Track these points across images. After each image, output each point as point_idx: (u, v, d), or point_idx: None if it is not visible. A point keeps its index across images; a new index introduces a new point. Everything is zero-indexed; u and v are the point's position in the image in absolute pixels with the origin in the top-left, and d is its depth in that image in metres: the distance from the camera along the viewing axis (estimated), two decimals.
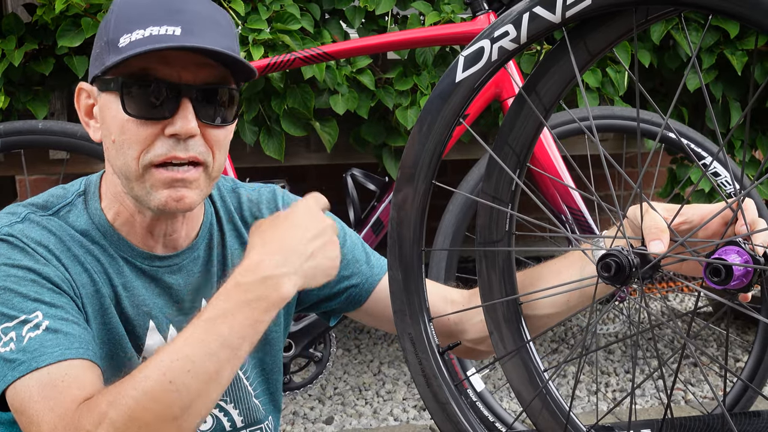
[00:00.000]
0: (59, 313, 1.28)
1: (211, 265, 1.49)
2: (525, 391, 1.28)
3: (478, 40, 1.17)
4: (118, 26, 1.32)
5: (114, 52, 1.30)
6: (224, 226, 1.52)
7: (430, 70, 2.83)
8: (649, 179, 3.50)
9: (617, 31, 1.11)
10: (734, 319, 3.90)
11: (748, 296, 1.19)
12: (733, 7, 0.98)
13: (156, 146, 1.32)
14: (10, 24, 2.70)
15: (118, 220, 1.42)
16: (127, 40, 1.29)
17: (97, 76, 1.35)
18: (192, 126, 1.31)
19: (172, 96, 1.31)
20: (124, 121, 1.32)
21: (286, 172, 3.25)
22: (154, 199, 1.34)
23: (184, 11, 1.31)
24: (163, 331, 1.44)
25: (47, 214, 1.39)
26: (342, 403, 3.18)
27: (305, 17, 2.72)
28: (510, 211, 1.25)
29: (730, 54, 2.90)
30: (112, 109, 1.34)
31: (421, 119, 1.24)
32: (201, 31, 1.30)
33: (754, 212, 1.20)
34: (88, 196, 1.43)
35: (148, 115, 1.31)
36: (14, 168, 2.89)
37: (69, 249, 1.37)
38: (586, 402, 3.18)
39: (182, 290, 1.46)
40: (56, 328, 1.26)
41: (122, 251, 1.41)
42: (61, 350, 1.25)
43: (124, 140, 1.33)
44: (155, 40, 1.28)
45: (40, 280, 1.30)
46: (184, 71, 1.32)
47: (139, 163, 1.32)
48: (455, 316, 1.53)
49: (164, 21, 1.29)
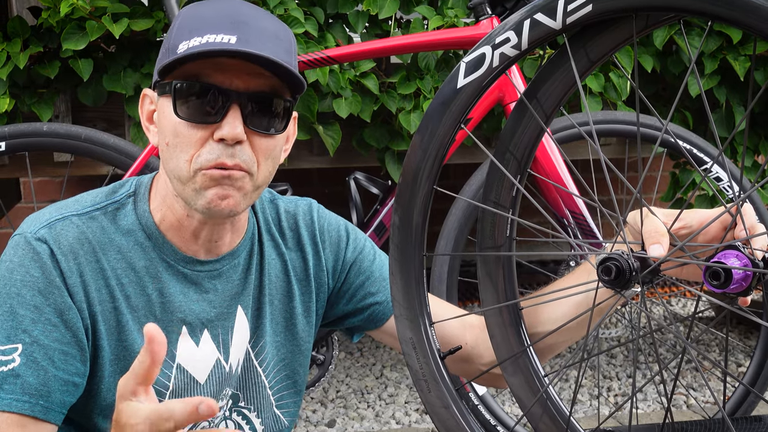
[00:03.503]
0: (36, 354, 1.32)
1: (249, 273, 1.51)
2: (525, 396, 1.29)
3: (479, 46, 1.18)
4: (180, 34, 1.35)
5: (171, 58, 1.34)
6: (263, 236, 1.54)
7: (433, 75, 2.84)
8: (651, 184, 3.51)
9: (618, 37, 1.12)
10: (737, 324, 3.90)
11: (747, 300, 1.20)
12: (731, 13, 0.98)
13: (205, 150, 1.34)
14: (16, 27, 2.71)
15: (164, 223, 1.44)
16: (184, 47, 1.33)
17: (156, 81, 1.39)
18: (238, 131, 1.33)
19: (221, 101, 1.33)
20: (176, 123, 1.35)
21: (289, 176, 3.25)
22: (201, 198, 1.36)
23: (245, 23, 1.34)
24: (195, 337, 1.46)
25: (95, 210, 1.42)
26: (344, 406, 3.18)
27: (309, 21, 2.73)
28: (511, 217, 1.26)
29: (732, 59, 2.90)
30: (167, 113, 1.37)
31: (423, 125, 1.24)
32: (257, 42, 1.33)
33: (753, 217, 1.21)
34: (137, 197, 1.45)
35: (198, 118, 1.34)
36: (19, 170, 2.90)
37: (98, 260, 1.39)
38: (588, 406, 3.18)
39: (220, 296, 1.48)
40: (18, 373, 1.31)
41: (165, 254, 1.43)
42: (9, 400, 1.30)
43: (177, 143, 1.35)
44: (209, 46, 1.31)
45: (44, 307, 1.34)
46: (237, 78, 1.34)
47: (191, 165, 1.35)
48: (472, 340, 1.53)
49: (222, 30, 1.32)
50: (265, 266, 1.53)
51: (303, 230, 1.57)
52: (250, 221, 1.53)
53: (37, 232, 1.36)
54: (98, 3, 2.63)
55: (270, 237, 1.55)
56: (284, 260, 1.55)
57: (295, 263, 1.56)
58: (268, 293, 1.53)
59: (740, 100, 3.04)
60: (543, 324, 1.39)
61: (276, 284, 1.54)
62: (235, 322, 1.50)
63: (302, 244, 1.57)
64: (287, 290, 1.55)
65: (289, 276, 1.55)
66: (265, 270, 1.53)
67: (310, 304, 1.57)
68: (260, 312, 1.53)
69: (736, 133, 3.08)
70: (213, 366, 1.48)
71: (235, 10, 1.36)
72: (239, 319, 1.51)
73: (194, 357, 1.46)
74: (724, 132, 3.05)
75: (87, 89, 2.80)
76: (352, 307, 1.60)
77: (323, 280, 1.58)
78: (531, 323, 1.34)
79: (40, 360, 1.32)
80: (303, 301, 1.56)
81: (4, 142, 2.50)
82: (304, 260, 1.56)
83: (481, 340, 1.51)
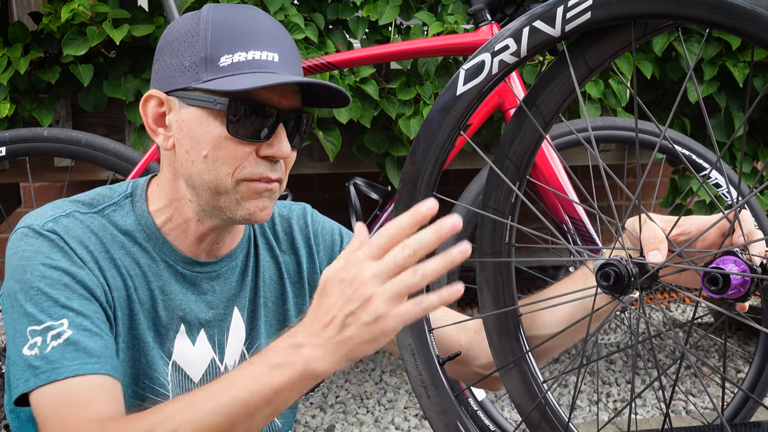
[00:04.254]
0: (84, 323, 1.31)
1: (246, 275, 1.53)
2: (524, 402, 1.29)
3: (478, 53, 1.19)
4: (217, 44, 1.35)
5: (214, 70, 1.34)
6: (258, 239, 1.56)
7: (433, 80, 2.85)
8: (651, 190, 3.51)
9: (617, 44, 1.13)
10: (736, 329, 3.90)
11: (745, 306, 1.21)
12: (729, 21, 0.99)
13: (249, 164, 1.37)
14: (16, 32, 2.72)
15: (167, 225, 1.45)
16: (228, 60, 1.34)
17: (183, 88, 1.37)
18: (288, 150, 1.38)
19: (272, 120, 1.36)
20: (222, 138, 1.36)
21: (289, 181, 3.26)
22: (241, 209, 1.39)
23: (276, 36, 1.38)
24: (192, 336, 1.47)
25: (92, 211, 1.42)
26: (343, 411, 3.18)
27: (309, 27, 2.74)
28: (510, 223, 1.26)
29: (731, 65, 2.91)
30: (208, 125, 1.36)
31: (423, 131, 1.25)
32: (293, 58, 1.39)
33: (750, 223, 1.22)
34: (135, 198, 1.46)
35: (249, 136, 1.36)
36: (19, 175, 2.90)
37: (108, 251, 1.40)
38: (588, 412, 3.18)
39: (217, 297, 1.50)
40: (77, 341, 1.29)
41: (165, 254, 1.45)
42: (78, 364, 1.28)
43: (219, 156, 1.36)
44: (258, 65, 1.34)
45: (74, 285, 1.33)
46: (283, 98, 1.37)
47: (233, 177, 1.37)
48: (467, 342, 1.54)
49: (262, 45, 1.35)
50: (260, 269, 1.55)
51: (297, 233, 1.59)
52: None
53: (45, 225, 1.37)
54: (99, 9, 2.64)
55: (265, 240, 1.57)
56: (278, 263, 1.57)
57: (289, 266, 1.58)
58: (263, 295, 1.55)
59: (739, 106, 3.05)
60: (539, 327, 1.40)
61: (270, 286, 1.56)
62: (232, 324, 1.52)
63: (296, 247, 1.58)
64: (281, 293, 1.57)
65: (283, 278, 1.57)
66: (260, 272, 1.55)
67: (304, 307, 1.58)
68: (255, 314, 1.54)
69: (735, 140, 3.08)
70: (208, 366, 1.50)
71: (263, 21, 1.39)
72: (235, 320, 1.52)
73: (190, 356, 1.47)
74: (723, 138, 3.06)
75: (87, 95, 2.80)
76: None
77: (317, 282, 1.58)
78: (527, 326, 1.34)
79: (90, 327, 1.32)
80: (297, 304, 1.58)
81: (4, 147, 2.51)
82: (298, 263, 1.58)
83: (476, 341, 1.52)
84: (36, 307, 1.30)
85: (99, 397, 1.28)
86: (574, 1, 1.10)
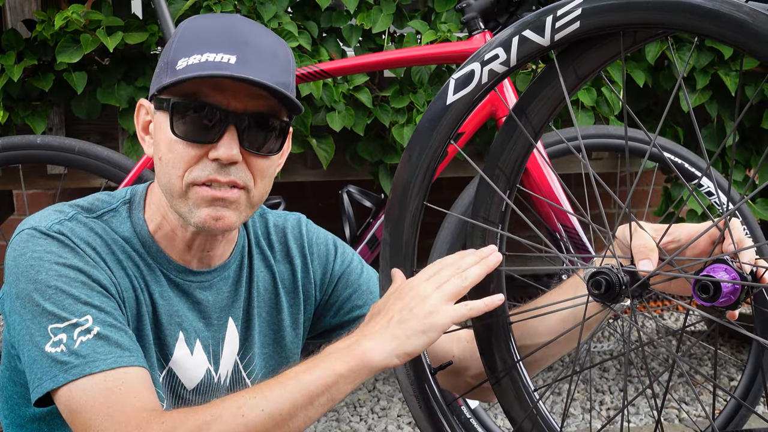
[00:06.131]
0: (108, 320, 1.32)
1: (239, 285, 1.53)
2: (515, 411, 1.29)
3: (468, 63, 1.19)
4: (179, 49, 1.36)
5: (171, 74, 1.34)
6: (253, 250, 1.56)
7: (426, 89, 2.85)
8: (643, 198, 3.52)
9: (606, 54, 1.13)
10: (729, 338, 3.91)
11: (735, 314, 1.21)
12: (718, 29, 1.00)
13: (199, 167, 1.36)
14: (10, 39, 2.72)
15: (159, 232, 1.45)
16: (184, 63, 1.33)
17: (153, 95, 1.39)
18: (234, 153, 1.35)
19: (218, 121, 1.34)
20: (172, 140, 1.36)
21: (282, 189, 3.26)
22: (195, 216, 1.37)
23: (244, 41, 1.35)
24: (190, 344, 1.47)
25: (92, 216, 1.42)
26: (336, 419, 3.18)
27: (303, 35, 2.74)
28: (501, 232, 1.26)
29: (723, 74, 2.92)
30: (163, 128, 1.37)
31: (413, 141, 1.25)
32: (256, 61, 1.33)
33: (740, 231, 1.22)
34: (132, 205, 1.46)
35: (195, 137, 1.35)
36: (12, 182, 2.90)
37: (113, 252, 1.40)
38: (581, 420, 3.18)
39: (210, 307, 1.49)
40: (106, 335, 1.30)
41: (159, 262, 1.45)
42: (114, 357, 1.29)
43: (170, 159, 1.37)
44: (209, 66, 1.32)
45: (90, 283, 1.34)
46: (235, 99, 1.35)
47: (183, 181, 1.36)
48: (459, 352, 1.54)
49: (222, 48, 1.33)
50: (254, 279, 1.54)
51: (292, 243, 1.58)
52: (241, 234, 1.54)
53: (51, 227, 1.37)
54: (93, 16, 2.64)
55: (259, 250, 1.56)
56: (273, 272, 1.56)
57: (283, 275, 1.57)
58: (257, 305, 1.54)
59: (731, 115, 3.06)
60: (531, 336, 1.40)
61: (264, 296, 1.56)
62: (226, 334, 1.51)
63: (291, 257, 1.58)
64: (275, 302, 1.57)
65: (277, 288, 1.56)
66: (254, 282, 1.54)
67: (298, 316, 1.58)
68: (249, 324, 1.54)
69: (727, 148, 3.09)
70: (203, 376, 1.49)
71: (234, 27, 1.37)
72: (230, 330, 1.52)
73: (187, 365, 1.47)
74: (715, 147, 3.07)
75: (81, 102, 2.80)
76: (339, 320, 1.62)
77: (311, 292, 1.59)
78: (518, 335, 1.34)
79: (113, 323, 1.32)
80: (291, 314, 1.58)
81: None
82: (292, 272, 1.58)
83: (468, 352, 1.52)
84: (56, 306, 1.30)
85: (141, 388, 1.28)
86: (563, 11, 1.10)
